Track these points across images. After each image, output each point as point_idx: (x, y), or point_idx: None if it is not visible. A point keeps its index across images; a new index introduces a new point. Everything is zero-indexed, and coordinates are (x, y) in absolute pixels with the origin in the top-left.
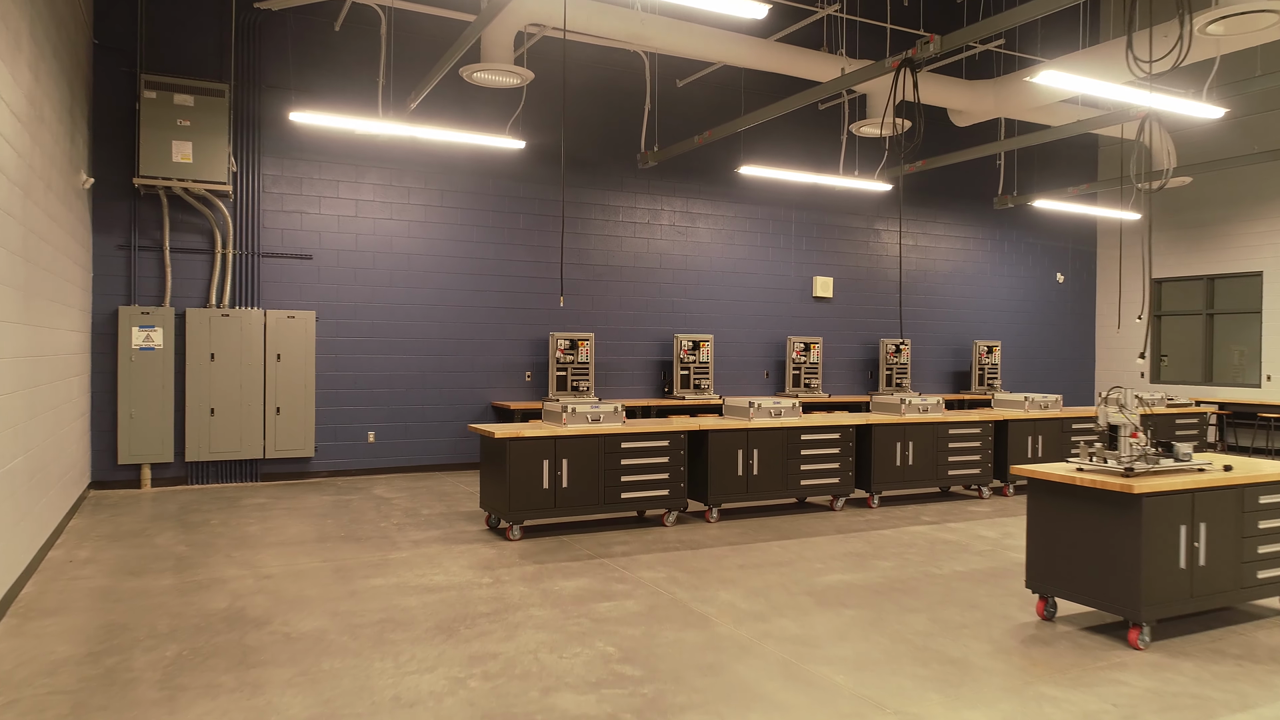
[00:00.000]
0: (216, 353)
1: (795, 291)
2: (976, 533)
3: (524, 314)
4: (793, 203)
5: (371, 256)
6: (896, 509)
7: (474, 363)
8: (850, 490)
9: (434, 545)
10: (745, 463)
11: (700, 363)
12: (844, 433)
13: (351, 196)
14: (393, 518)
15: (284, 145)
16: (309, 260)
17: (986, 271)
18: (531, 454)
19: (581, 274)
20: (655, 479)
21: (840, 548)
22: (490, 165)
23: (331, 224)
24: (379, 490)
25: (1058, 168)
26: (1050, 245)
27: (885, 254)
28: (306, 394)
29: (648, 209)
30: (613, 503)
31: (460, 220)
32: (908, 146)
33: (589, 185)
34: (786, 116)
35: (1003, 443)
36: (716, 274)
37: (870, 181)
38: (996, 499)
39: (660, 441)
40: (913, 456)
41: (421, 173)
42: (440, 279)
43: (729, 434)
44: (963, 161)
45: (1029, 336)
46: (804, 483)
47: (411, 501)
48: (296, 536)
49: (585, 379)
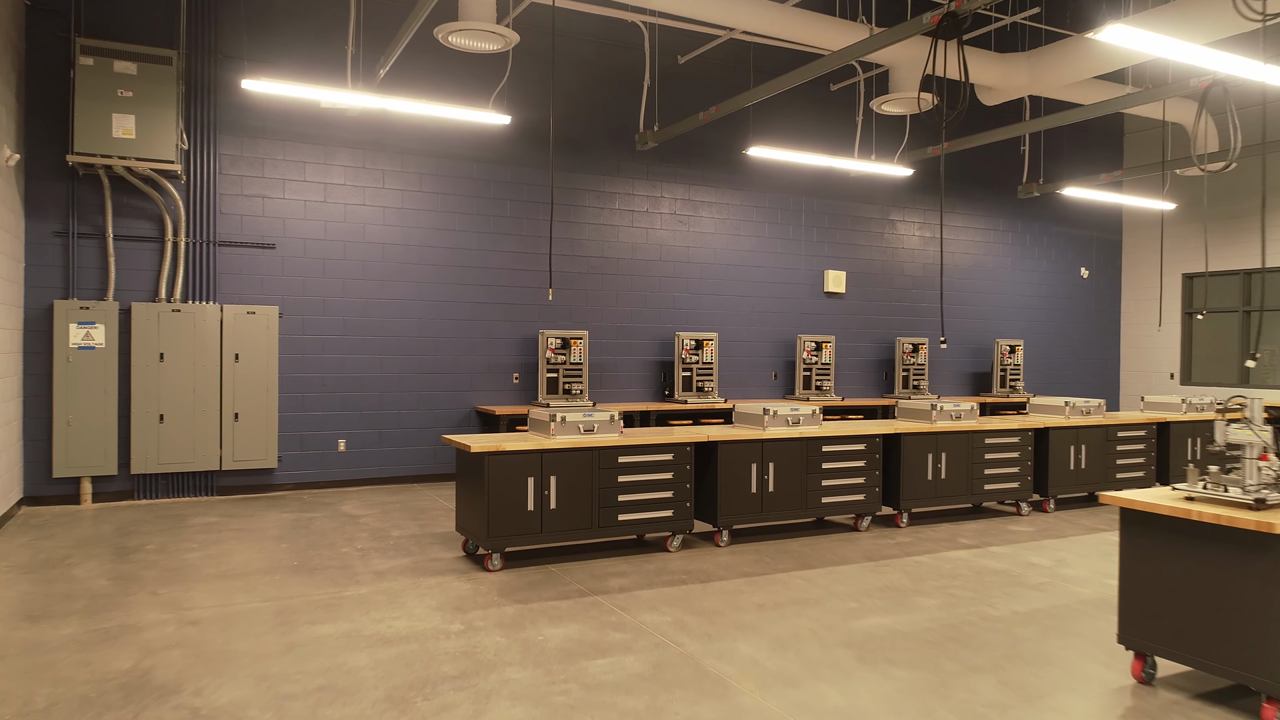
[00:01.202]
0: (166, 352)
1: (805, 286)
2: (1025, 559)
3: (511, 310)
4: (803, 190)
5: (341, 246)
6: (928, 529)
7: (456, 363)
8: (877, 508)
9: (399, 578)
10: (759, 478)
11: (704, 363)
12: (870, 443)
13: (319, 179)
14: (358, 540)
15: (243, 121)
16: (271, 250)
17: (1007, 266)
18: (514, 471)
19: (574, 266)
20: (657, 498)
21: (873, 580)
22: (474, 146)
23: (297, 210)
24: (348, 506)
25: (1082, 156)
26: (1074, 238)
27: (901, 246)
28: (268, 398)
29: (647, 196)
30: (609, 525)
31: (441, 207)
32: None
33: (582, 169)
34: (797, 99)
35: (1043, 453)
36: (721, 267)
37: (890, 166)
38: (1037, 516)
39: (663, 455)
40: (945, 469)
41: (397, 154)
42: (419, 271)
43: (741, 446)
44: (984, 148)
45: (1051, 336)
46: (825, 500)
47: (382, 520)
48: (241, 566)
49: (578, 381)
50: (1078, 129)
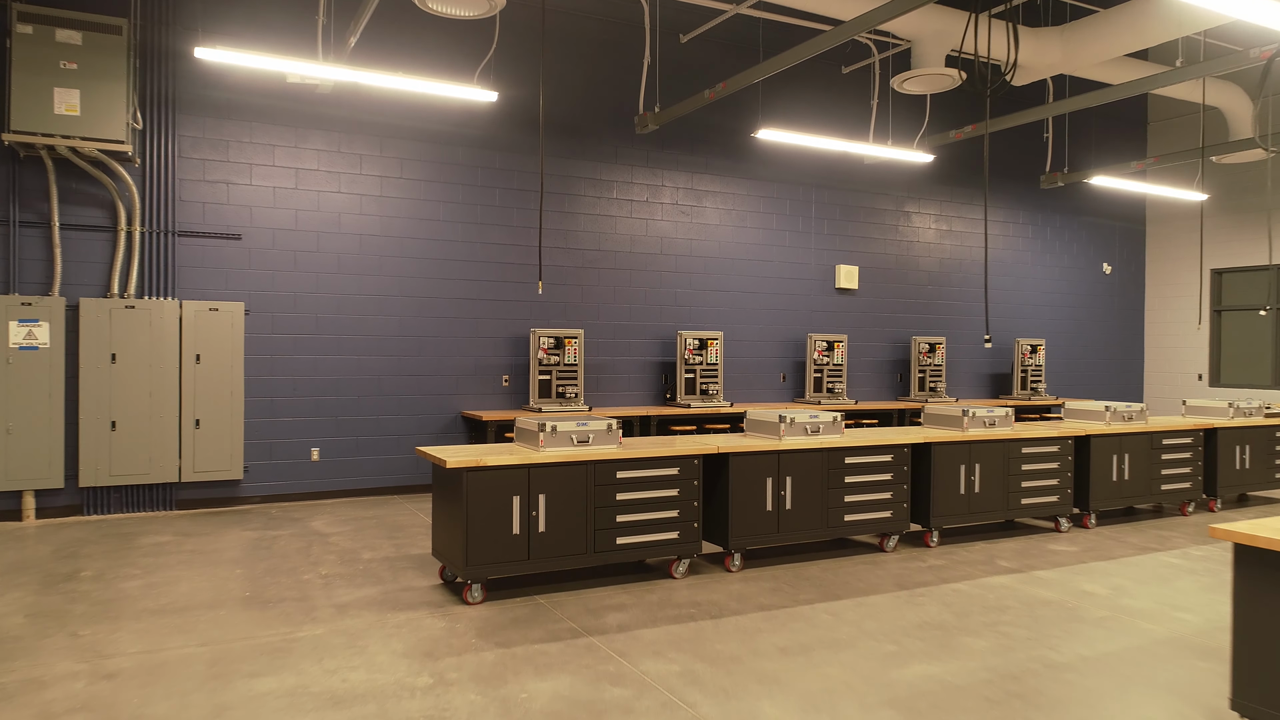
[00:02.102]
0: (119, 353)
1: (815, 282)
2: (1077, 586)
3: (500, 307)
4: (813, 180)
5: (315, 237)
6: (961, 548)
7: (440, 364)
8: (906, 526)
9: (364, 613)
10: (775, 494)
11: (708, 364)
12: (898, 454)
13: (290, 164)
14: (323, 564)
15: (205, 100)
16: (237, 241)
17: (1027, 261)
18: (497, 489)
19: (568, 260)
20: (661, 518)
21: (910, 614)
22: (460, 129)
23: (265, 197)
24: (318, 522)
25: (1105, 145)
26: (1096, 232)
27: (917, 239)
28: (233, 403)
29: (646, 185)
30: (606, 550)
31: (423, 195)
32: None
33: (577, 154)
34: (807, 83)
35: (1083, 463)
36: (726, 261)
37: (909, 152)
38: (1078, 533)
39: (668, 470)
40: (979, 482)
41: (376, 137)
42: (399, 265)
43: (755, 458)
44: (1004, 136)
45: (1072, 335)
46: (849, 518)
47: (354, 539)
48: (184, 598)
49: (573, 384)
50: (1103, 115)
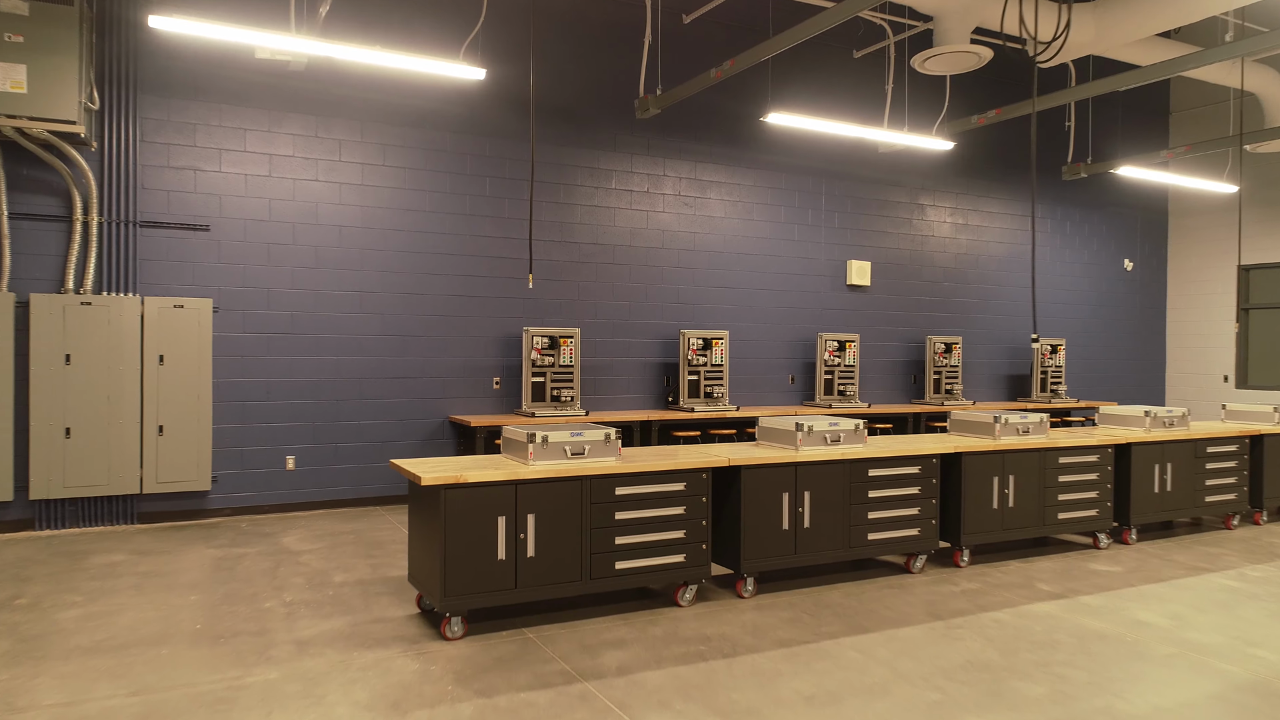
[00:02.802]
0: (74, 354)
1: (826, 279)
2: (1131, 615)
3: (491, 304)
4: (823, 171)
5: (290, 228)
6: (994, 569)
7: (426, 366)
8: (935, 545)
9: (328, 651)
10: (792, 511)
11: (713, 366)
12: (926, 465)
13: (263, 150)
14: (289, 590)
15: (170, 79)
16: (205, 232)
17: (1046, 257)
18: (480, 509)
19: (564, 254)
20: (666, 540)
21: (950, 651)
22: (447, 114)
23: (236, 185)
24: (291, 538)
25: (1127, 135)
26: (1116, 226)
27: (932, 234)
28: (200, 408)
29: (647, 174)
30: (604, 576)
31: (408, 184)
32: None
33: (573, 141)
34: (817, 68)
35: (1123, 474)
36: (732, 256)
37: (928, 139)
38: (1118, 549)
39: (673, 485)
40: (1013, 495)
41: (357, 121)
42: (382, 259)
43: (770, 471)
44: (1023, 124)
45: (1092, 334)
46: (873, 537)
47: (327, 557)
48: (126, 632)
49: (569, 386)
50: (1128, 104)
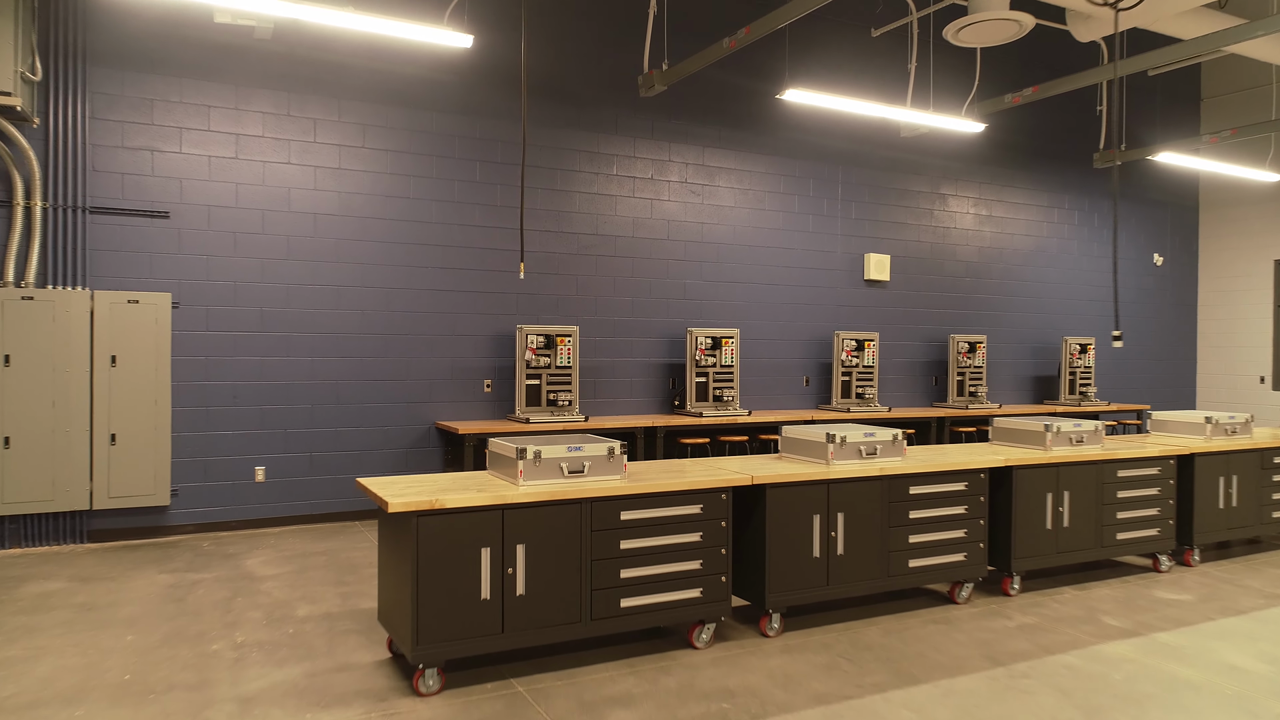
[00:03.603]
0: (14, 354)
1: (843, 273)
2: (1220, 657)
3: (482, 300)
4: (839, 157)
5: (260, 216)
6: (1048, 597)
7: (410, 367)
8: (983, 571)
9: (274, 713)
10: (824, 536)
11: (722, 366)
12: (974, 482)
13: (230, 129)
14: (242, 627)
15: (124, 48)
16: (163, 219)
17: (1073, 251)
18: (460, 539)
19: (561, 245)
20: (680, 572)
21: (1021, 709)
22: (434, 91)
23: (199, 168)
24: (256, 559)
25: (1156, 121)
26: (1146, 218)
27: (954, 225)
28: (158, 415)
29: (651, 159)
30: (607, 617)
31: (390, 167)
32: None
33: (571, 123)
34: (833, 48)
35: (1186, 488)
36: (742, 249)
37: (958, 120)
38: (1181, 572)
39: (688, 507)
40: (1068, 514)
41: (333, 98)
42: (362, 250)
43: (799, 491)
44: (1053, 110)
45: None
46: (915, 564)
47: (293, 584)
48: (38, 686)
49: (566, 390)
50: (1166, 86)
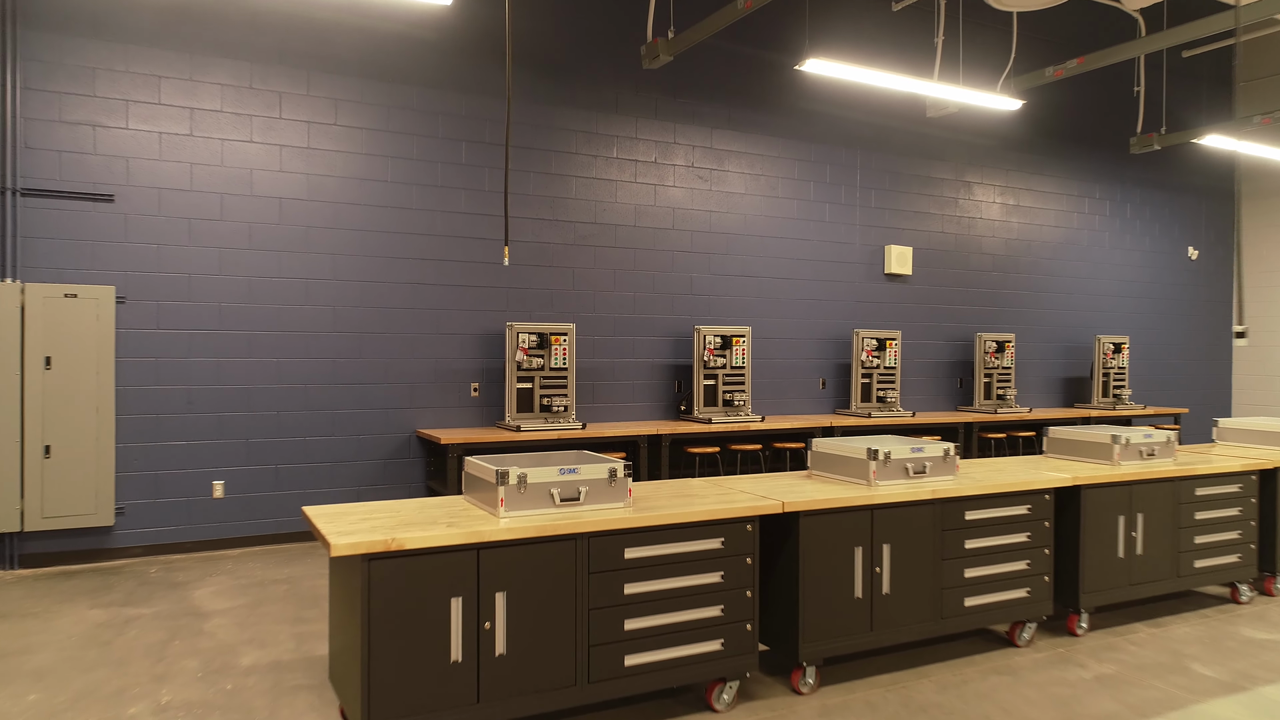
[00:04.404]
0: None
1: (861, 266)
2: None
3: (468, 295)
4: (857, 140)
5: (218, 200)
6: (1121, 637)
7: (388, 369)
8: (1048, 609)
9: None
10: (868, 573)
11: (733, 368)
12: (1038, 504)
13: (183, 102)
14: (172, 681)
15: (63, 11)
16: (107, 203)
17: (1104, 243)
18: (423, 589)
19: (556, 235)
20: (698, 621)
21: None
22: (413, 64)
23: (148, 145)
24: (205, 590)
25: (1190, 107)
26: (1180, 208)
27: (980, 216)
28: (100, 424)
29: (655, 141)
30: (609, 677)
31: (366, 147)
32: None
33: (567, 101)
34: (853, 24)
35: (1270, 507)
36: (754, 239)
37: (992, 96)
38: (1264, 604)
39: (707, 541)
40: (1142, 540)
41: (301, 69)
42: (334, 239)
43: (839, 519)
44: (1085, 91)
45: (1153, 332)
46: (971, 602)
47: (243, 622)
48: None
49: (561, 394)
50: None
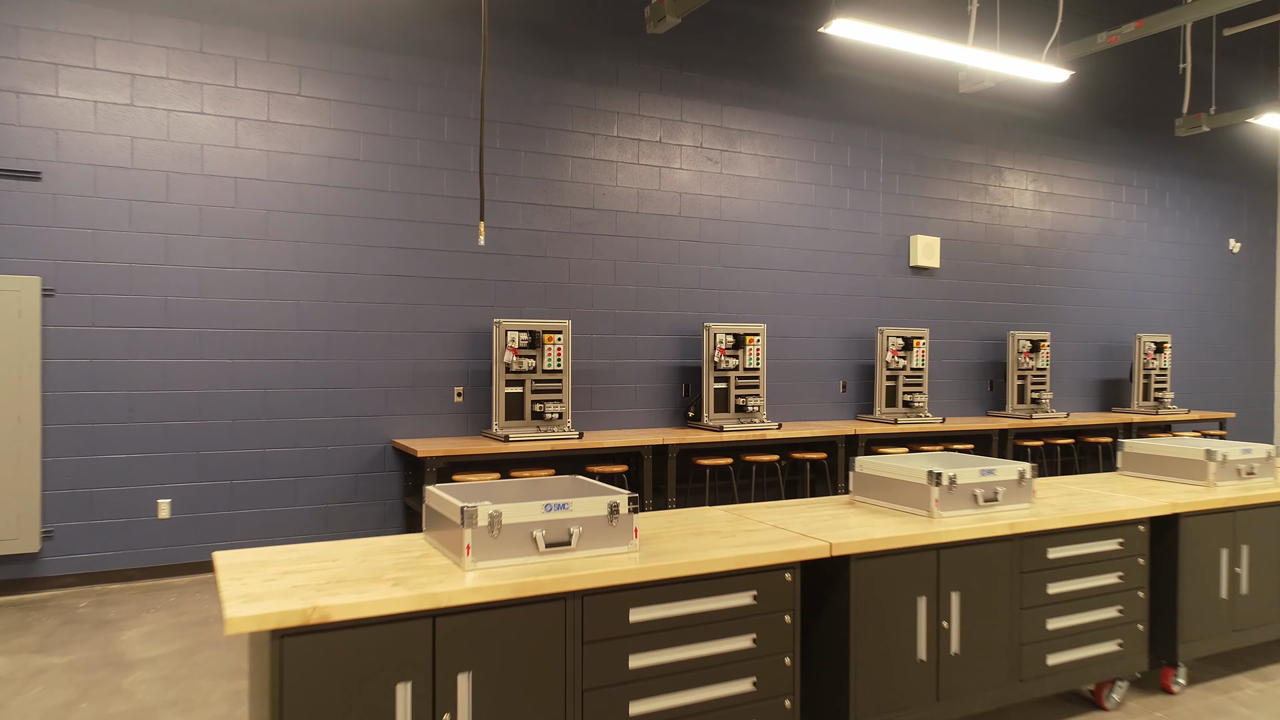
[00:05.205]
0: None
1: (885, 259)
2: None
3: (452, 289)
4: (881, 119)
5: (163, 180)
6: (1228, 696)
7: (360, 372)
8: (1142, 664)
9: None
10: (933, 627)
11: (746, 369)
12: (1130, 538)
13: (123, 68)
14: None
15: None
16: (34, 182)
17: (1143, 234)
18: (358, 674)
19: (550, 222)
20: (722, 699)
21: None
22: (389, 29)
23: (82, 116)
24: (135, 632)
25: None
26: (1221, 197)
27: (1011, 204)
28: (22, 435)
29: (660, 119)
30: None
31: (334, 122)
32: None
33: (563, 74)
34: None
35: None
36: (768, 228)
37: (1037, 65)
38: None
39: (735, 596)
40: (1247, 577)
41: (260, 31)
42: (297, 224)
43: (899, 562)
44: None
45: (1194, 330)
46: (1054, 660)
47: (170, 676)
48: None
49: (556, 399)
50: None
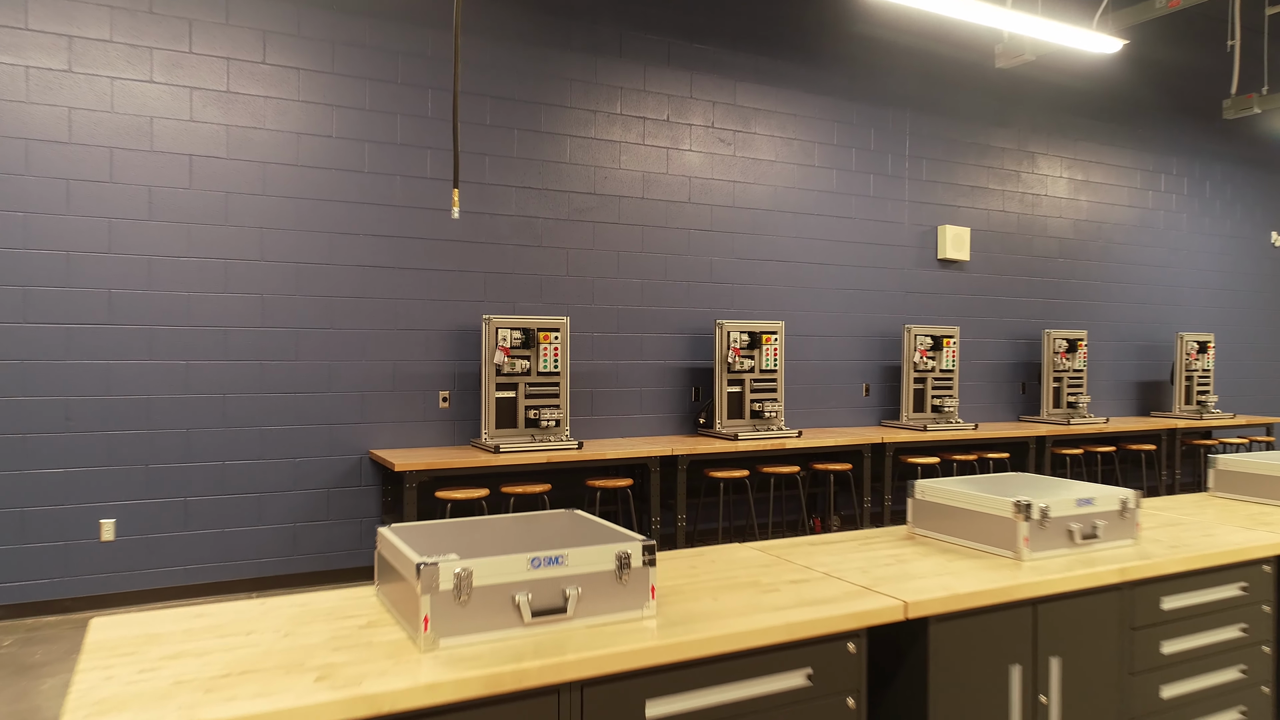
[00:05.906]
0: None
1: (911, 250)
2: None
3: (436, 281)
4: (907, 99)
5: (106, 157)
6: None
7: (333, 375)
8: None
9: None
10: (1029, 703)
11: (763, 371)
12: (1255, 581)
13: (60, 29)
14: None
15: None
16: None
17: (1181, 226)
18: None
19: (546, 208)
20: None
21: None
22: None
23: (11, 83)
24: (56, 681)
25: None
26: (1261, 188)
27: (1045, 193)
28: None
29: (668, 95)
30: None
31: (303, 94)
32: None
33: (561, 44)
34: None
35: None
36: (786, 216)
37: (1090, 33)
38: None
39: (782, 677)
40: None
41: None
42: (262, 209)
43: (979, 622)
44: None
45: (1234, 328)
46: None
47: None
48: None
49: (552, 404)
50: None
